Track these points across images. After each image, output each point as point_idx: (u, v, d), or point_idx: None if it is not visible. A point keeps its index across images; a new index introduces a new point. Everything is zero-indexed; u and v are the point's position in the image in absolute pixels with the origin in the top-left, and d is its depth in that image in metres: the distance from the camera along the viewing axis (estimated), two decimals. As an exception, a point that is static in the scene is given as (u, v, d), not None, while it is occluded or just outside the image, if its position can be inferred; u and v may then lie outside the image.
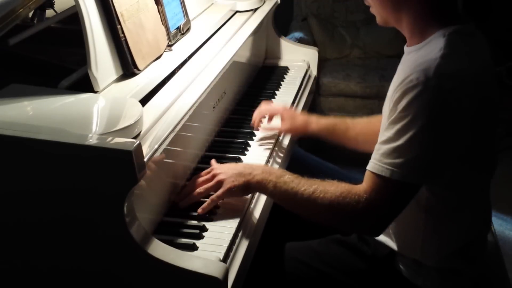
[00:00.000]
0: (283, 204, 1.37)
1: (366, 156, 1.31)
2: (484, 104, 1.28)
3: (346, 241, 1.52)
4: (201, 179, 1.44)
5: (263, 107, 1.82)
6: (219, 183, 1.39)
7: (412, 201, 1.27)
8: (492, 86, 1.33)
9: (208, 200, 1.38)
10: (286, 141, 1.82)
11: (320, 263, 1.49)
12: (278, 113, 1.81)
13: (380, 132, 1.29)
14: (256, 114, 1.81)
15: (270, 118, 1.83)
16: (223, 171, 1.41)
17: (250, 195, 1.46)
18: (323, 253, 1.51)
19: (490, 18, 4.00)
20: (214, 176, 1.42)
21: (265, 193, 1.40)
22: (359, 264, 1.48)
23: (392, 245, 1.43)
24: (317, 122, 1.76)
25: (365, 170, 1.28)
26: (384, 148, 1.24)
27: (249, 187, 1.38)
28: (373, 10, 1.38)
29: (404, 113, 1.21)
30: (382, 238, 1.45)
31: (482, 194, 1.41)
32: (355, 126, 1.73)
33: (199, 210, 1.37)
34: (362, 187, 1.26)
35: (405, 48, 1.37)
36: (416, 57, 1.27)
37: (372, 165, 1.25)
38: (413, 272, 1.41)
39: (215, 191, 1.39)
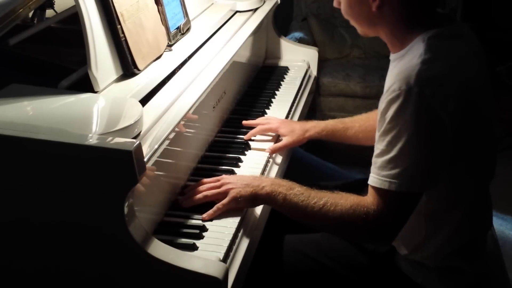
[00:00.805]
0: (292, 216, 1.37)
1: (366, 156, 1.31)
2: (473, 103, 1.28)
3: None
4: (208, 185, 1.43)
5: (259, 128, 1.78)
6: (227, 192, 1.39)
7: None
8: (482, 86, 1.33)
9: (214, 208, 1.37)
10: (286, 141, 1.81)
11: (321, 256, 1.50)
12: (275, 131, 1.78)
13: (375, 145, 1.30)
14: (251, 134, 1.76)
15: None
16: (233, 181, 1.41)
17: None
18: (325, 246, 1.52)
19: (490, 18, 4.00)
20: (222, 184, 1.42)
21: (274, 206, 1.39)
22: (361, 259, 1.48)
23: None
24: (315, 127, 1.76)
25: (365, 170, 1.28)
26: (380, 161, 1.25)
27: (257, 198, 1.38)
28: (352, 23, 1.39)
29: (391, 124, 1.22)
30: None
31: (480, 194, 1.41)
32: (354, 124, 1.75)
33: (204, 216, 1.36)
34: (369, 200, 1.28)
35: (390, 56, 1.38)
36: (399, 65, 1.28)
37: (372, 179, 1.27)
38: (413, 271, 1.42)
39: (222, 199, 1.39)
